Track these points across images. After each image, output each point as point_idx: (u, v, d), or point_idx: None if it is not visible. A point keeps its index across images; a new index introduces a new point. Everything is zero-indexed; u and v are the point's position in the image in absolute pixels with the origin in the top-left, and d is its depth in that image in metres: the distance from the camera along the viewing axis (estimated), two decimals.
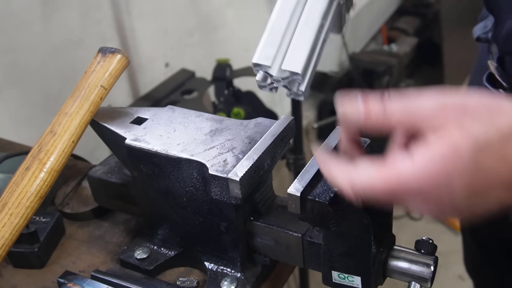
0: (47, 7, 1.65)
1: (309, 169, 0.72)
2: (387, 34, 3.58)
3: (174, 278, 0.87)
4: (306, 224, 0.78)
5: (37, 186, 0.79)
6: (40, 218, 0.95)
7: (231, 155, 0.77)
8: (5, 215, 0.78)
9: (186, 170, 0.78)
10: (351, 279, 0.74)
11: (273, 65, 0.69)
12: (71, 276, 0.85)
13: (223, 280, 0.83)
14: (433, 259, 0.73)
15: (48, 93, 1.69)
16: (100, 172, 0.95)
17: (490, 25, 0.98)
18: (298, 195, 0.69)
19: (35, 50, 1.66)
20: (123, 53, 0.86)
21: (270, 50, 0.69)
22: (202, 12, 2.29)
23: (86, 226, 1.00)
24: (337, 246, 0.73)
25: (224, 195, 0.76)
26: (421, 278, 0.73)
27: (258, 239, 0.83)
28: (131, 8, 1.95)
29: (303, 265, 0.81)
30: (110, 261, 0.92)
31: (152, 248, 0.89)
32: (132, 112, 0.88)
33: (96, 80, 0.84)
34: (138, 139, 0.82)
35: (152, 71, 2.10)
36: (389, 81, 3.02)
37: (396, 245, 0.76)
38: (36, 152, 0.81)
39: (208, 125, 0.84)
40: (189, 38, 2.25)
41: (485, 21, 1.01)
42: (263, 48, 0.69)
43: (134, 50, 2.00)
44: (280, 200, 0.86)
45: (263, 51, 0.69)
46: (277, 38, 0.70)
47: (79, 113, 0.82)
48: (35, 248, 0.91)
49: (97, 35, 1.85)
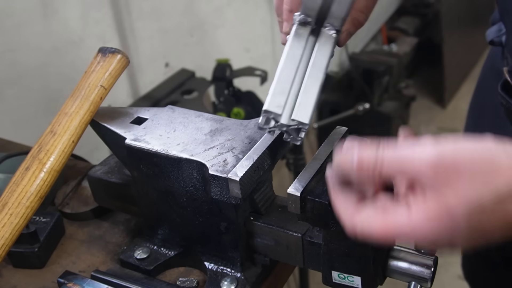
0: (47, 7, 1.65)
1: (309, 169, 0.72)
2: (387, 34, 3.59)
3: (174, 278, 0.87)
4: (306, 224, 0.78)
5: (37, 186, 0.79)
6: (40, 218, 0.95)
7: (231, 155, 0.77)
8: (5, 215, 0.78)
9: (186, 170, 0.78)
10: (351, 279, 0.74)
11: (283, 113, 0.72)
12: (71, 276, 0.85)
13: (223, 280, 0.83)
14: (433, 259, 0.73)
15: (48, 93, 1.69)
16: (100, 172, 0.95)
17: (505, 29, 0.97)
18: (298, 195, 0.69)
19: (35, 50, 1.66)
20: (123, 53, 0.86)
21: (280, 98, 0.73)
22: (202, 12, 2.29)
23: (86, 226, 1.00)
24: (337, 246, 0.73)
25: (224, 195, 0.76)
26: (421, 278, 0.73)
27: (258, 239, 0.83)
28: (131, 8, 1.95)
29: (303, 265, 0.81)
30: (110, 261, 0.92)
31: (152, 248, 0.89)
32: (132, 112, 0.88)
33: (96, 80, 0.84)
34: (138, 139, 0.82)
35: (152, 71, 2.10)
36: (389, 81, 3.02)
37: (396, 245, 0.76)
38: (36, 152, 0.81)
39: (208, 125, 0.84)
40: (189, 38, 2.25)
41: (499, 24, 0.99)
42: (273, 96, 0.73)
43: (134, 50, 2.00)
44: (280, 200, 0.86)
45: (273, 99, 0.72)
46: (286, 86, 0.74)
47: (79, 113, 0.83)
48: (35, 248, 0.91)
49: (97, 35, 1.85)
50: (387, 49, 3.38)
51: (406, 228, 0.56)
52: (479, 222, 0.53)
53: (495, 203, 0.52)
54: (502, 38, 0.98)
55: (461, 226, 0.53)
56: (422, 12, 3.68)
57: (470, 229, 0.54)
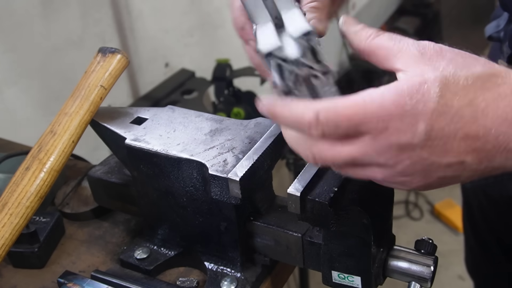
0: (47, 7, 1.65)
1: (309, 169, 0.72)
2: None
3: (174, 278, 0.87)
4: (306, 224, 0.78)
5: (37, 186, 0.79)
6: (40, 218, 0.95)
7: (231, 155, 0.77)
8: (5, 215, 0.78)
9: (186, 170, 0.79)
10: (351, 279, 0.74)
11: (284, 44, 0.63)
12: (71, 276, 0.85)
13: (223, 280, 0.83)
14: (433, 259, 0.73)
15: (48, 93, 1.69)
16: (100, 172, 0.95)
17: (503, 25, 0.97)
18: (298, 195, 0.69)
19: (35, 50, 1.66)
20: (123, 53, 0.86)
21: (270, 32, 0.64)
22: (202, 12, 2.29)
23: (86, 226, 1.00)
24: (337, 246, 0.73)
25: (224, 195, 0.76)
26: (421, 278, 0.73)
27: (258, 239, 0.83)
28: (131, 8, 1.95)
29: (303, 265, 0.81)
30: (110, 261, 0.92)
31: (152, 248, 0.89)
32: (132, 112, 0.88)
33: (96, 80, 0.84)
34: (138, 139, 0.82)
35: (152, 71, 2.10)
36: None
37: (396, 245, 0.76)
38: (36, 152, 0.81)
39: (208, 125, 0.84)
40: (189, 38, 2.25)
41: (497, 20, 1.00)
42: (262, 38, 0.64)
43: (134, 50, 2.00)
44: (280, 200, 0.86)
45: (263, 39, 0.63)
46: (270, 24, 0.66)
47: (79, 113, 0.83)
48: (35, 248, 0.91)
49: (97, 35, 1.85)
50: None
51: (377, 103, 0.52)
52: (449, 101, 0.51)
53: (470, 85, 0.52)
54: (500, 34, 0.99)
55: (433, 98, 0.51)
56: (422, 12, 3.68)
57: (438, 110, 0.51)
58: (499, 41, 1.00)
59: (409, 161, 0.54)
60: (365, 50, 0.59)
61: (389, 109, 0.53)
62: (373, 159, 0.55)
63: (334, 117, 0.54)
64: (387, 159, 0.54)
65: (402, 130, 0.52)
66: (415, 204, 2.82)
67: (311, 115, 0.54)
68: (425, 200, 2.83)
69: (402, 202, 2.79)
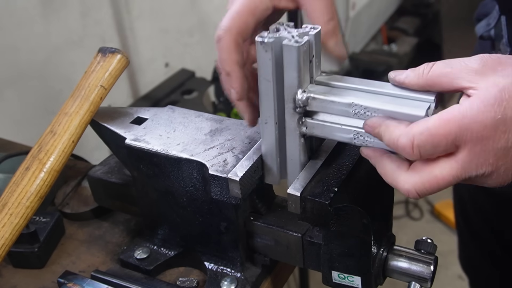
0: (47, 7, 1.65)
1: (309, 169, 0.72)
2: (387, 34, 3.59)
3: (174, 278, 0.87)
4: (306, 224, 0.78)
5: (37, 186, 0.79)
6: (40, 218, 0.95)
7: (231, 155, 0.77)
8: (5, 215, 0.78)
9: (186, 170, 0.79)
10: (351, 279, 0.74)
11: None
12: (71, 276, 0.85)
13: (223, 280, 0.83)
14: (433, 259, 0.73)
15: (48, 93, 1.70)
16: (100, 172, 0.95)
17: (493, 23, 0.98)
18: (298, 195, 0.69)
19: (35, 50, 1.66)
20: (123, 53, 0.86)
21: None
22: (202, 12, 2.29)
23: (86, 226, 1.00)
24: (337, 246, 0.73)
25: (224, 195, 0.76)
26: (421, 278, 0.73)
27: (258, 239, 0.83)
28: (131, 8, 1.95)
29: (303, 265, 0.81)
30: (110, 261, 0.92)
31: (152, 248, 0.89)
32: (132, 112, 0.88)
33: (96, 80, 0.84)
34: (138, 139, 0.82)
35: (152, 71, 2.10)
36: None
37: (396, 245, 0.76)
38: (36, 152, 0.81)
39: (208, 125, 0.84)
40: (189, 38, 2.25)
41: (487, 18, 1.02)
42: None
43: (134, 50, 2.00)
44: (280, 200, 0.86)
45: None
46: None
47: (79, 113, 0.83)
48: (35, 248, 0.91)
49: (97, 35, 1.85)
50: (387, 49, 3.38)
51: (469, 115, 0.55)
52: None
53: None
54: (490, 32, 1.01)
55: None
56: (422, 12, 3.68)
57: None
58: (490, 39, 1.02)
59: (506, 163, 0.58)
60: (427, 84, 0.62)
61: (483, 121, 0.56)
62: (473, 172, 0.58)
63: (428, 138, 0.57)
64: (488, 165, 0.58)
65: (496, 137, 0.56)
66: (415, 204, 2.82)
67: (407, 139, 0.58)
68: (425, 200, 2.83)
69: (402, 202, 2.79)
